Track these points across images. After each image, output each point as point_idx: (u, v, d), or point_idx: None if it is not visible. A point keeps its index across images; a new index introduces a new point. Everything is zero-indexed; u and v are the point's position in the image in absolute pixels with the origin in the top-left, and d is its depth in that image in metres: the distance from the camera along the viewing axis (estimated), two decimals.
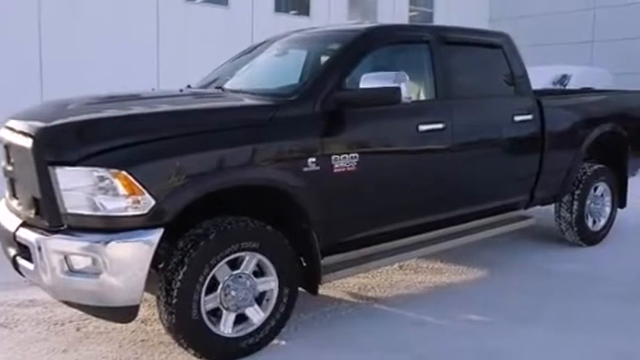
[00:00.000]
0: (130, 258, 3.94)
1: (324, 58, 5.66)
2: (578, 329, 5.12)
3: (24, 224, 4.28)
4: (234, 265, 4.40)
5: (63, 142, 4.03)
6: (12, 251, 4.37)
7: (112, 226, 3.96)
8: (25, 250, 4.18)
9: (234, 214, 4.45)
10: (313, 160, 4.66)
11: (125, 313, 4.12)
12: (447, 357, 4.67)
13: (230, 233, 4.29)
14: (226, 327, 4.40)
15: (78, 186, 3.91)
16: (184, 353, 4.42)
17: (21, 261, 4.26)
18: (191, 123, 4.43)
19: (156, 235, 3.98)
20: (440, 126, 5.57)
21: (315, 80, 5.06)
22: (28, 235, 4.13)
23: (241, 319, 4.49)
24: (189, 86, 6.22)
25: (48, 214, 4.02)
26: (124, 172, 3.86)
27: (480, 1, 30.10)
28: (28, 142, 4.08)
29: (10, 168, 4.55)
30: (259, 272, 4.55)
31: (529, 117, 6.49)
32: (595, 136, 7.30)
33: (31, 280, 4.34)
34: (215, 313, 4.38)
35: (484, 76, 6.44)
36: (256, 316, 4.53)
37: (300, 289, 4.79)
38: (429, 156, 5.62)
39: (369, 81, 4.88)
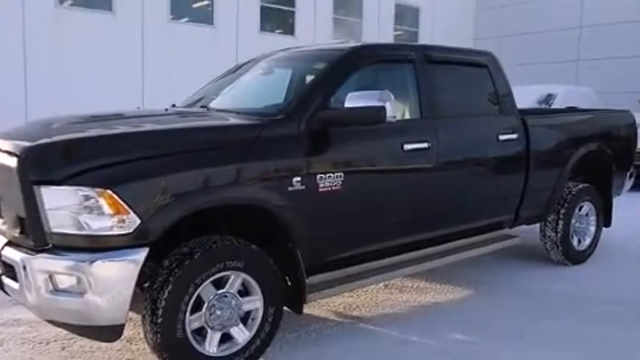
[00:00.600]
0: (115, 277, 3.93)
1: (309, 78, 5.66)
2: (564, 349, 5.13)
3: (9, 243, 4.26)
4: (220, 284, 4.39)
5: (48, 161, 4.03)
6: None
7: (97, 246, 3.94)
8: (10, 270, 4.16)
9: (219, 233, 4.45)
10: (298, 179, 4.66)
11: (110, 333, 4.10)
12: None
13: (215, 252, 4.29)
14: (211, 346, 4.38)
15: (63, 205, 3.89)
16: None
17: (6, 280, 4.25)
18: (176, 142, 4.42)
19: (141, 255, 3.97)
20: (425, 145, 5.58)
21: (300, 99, 5.07)
22: (12, 255, 4.11)
23: (226, 338, 4.48)
24: (174, 105, 6.22)
25: (33, 233, 4.00)
26: (109, 191, 3.85)
27: (464, 20, 30.29)
28: (12, 162, 4.07)
29: None
30: (244, 291, 4.54)
31: (514, 136, 6.51)
32: (580, 156, 7.33)
33: (16, 299, 4.32)
34: (200, 333, 4.36)
35: (469, 95, 6.46)
36: (241, 335, 4.52)
37: (285, 308, 4.78)
38: (414, 175, 5.63)
39: (353, 100, 4.88)
